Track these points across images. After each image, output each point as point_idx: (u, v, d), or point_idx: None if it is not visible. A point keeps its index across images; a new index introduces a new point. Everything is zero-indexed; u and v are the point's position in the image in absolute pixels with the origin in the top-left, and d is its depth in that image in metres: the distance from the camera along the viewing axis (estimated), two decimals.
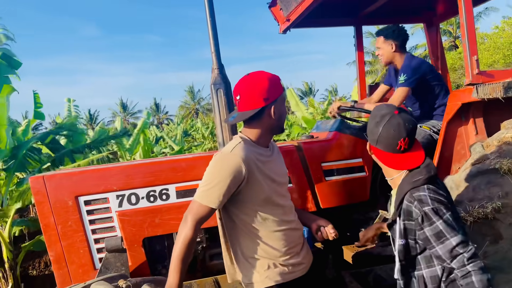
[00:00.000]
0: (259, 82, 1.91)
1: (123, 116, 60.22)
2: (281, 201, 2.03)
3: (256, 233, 1.99)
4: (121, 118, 17.94)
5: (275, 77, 1.96)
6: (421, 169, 1.75)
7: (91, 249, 2.48)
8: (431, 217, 1.62)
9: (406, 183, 1.74)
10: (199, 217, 1.86)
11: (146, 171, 2.54)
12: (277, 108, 1.95)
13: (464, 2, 2.46)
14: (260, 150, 1.98)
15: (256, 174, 1.90)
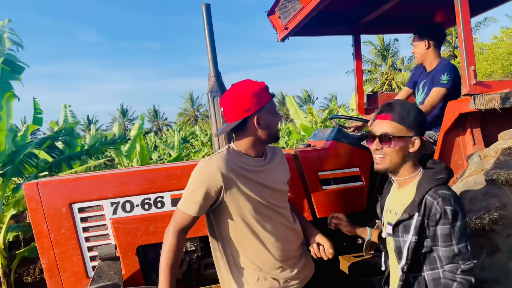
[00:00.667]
0: (240, 93, 1.90)
1: (122, 122, 60.26)
2: (274, 211, 1.99)
3: (245, 245, 1.97)
4: (119, 124, 17.95)
5: (258, 87, 1.91)
6: (442, 169, 1.77)
7: (84, 257, 2.46)
8: (449, 218, 1.63)
9: (428, 180, 1.74)
10: (180, 224, 1.90)
11: (141, 179, 2.52)
12: (262, 118, 1.92)
13: (462, 12, 2.46)
14: (249, 160, 1.97)
15: (239, 184, 1.89)
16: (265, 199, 1.95)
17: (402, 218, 1.74)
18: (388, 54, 38.49)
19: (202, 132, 26.78)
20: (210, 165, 1.89)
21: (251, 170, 1.95)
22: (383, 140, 1.77)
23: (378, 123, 1.81)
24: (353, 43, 4.11)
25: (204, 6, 2.50)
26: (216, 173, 1.86)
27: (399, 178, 1.85)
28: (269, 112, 1.93)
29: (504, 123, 2.53)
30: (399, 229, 1.77)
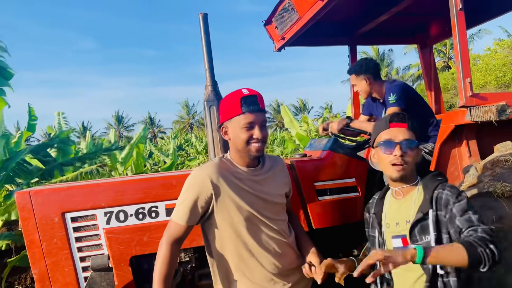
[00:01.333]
0: (221, 101, 1.94)
1: (117, 128, 60.08)
2: (267, 223, 1.95)
3: (236, 256, 1.94)
4: (115, 131, 17.87)
5: (233, 98, 1.86)
6: (438, 172, 1.87)
7: (76, 267, 2.41)
8: (462, 196, 1.69)
9: (432, 180, 1.81)
10: (173, 235, 1.90)
11: (135, 188, 2.49)
12: (231, 129, 1.89)
13: (458, 25, 2.48)
14: (242, 170, 1.95)
15: (230, 193, 1.87)
16: (258, 211, 1.92)
17: (417, 218, 1.74)
18: (383, 64, 38.75)
19: (198, 140, 26.73)
20: (201, 173, 1.89)
21: (244, 180, 1.92)
22: (407, 147, 1.79)
23: (396, 131, 1.82)
24: (349, 54, 4.13)
25: (201, 15, 2.50)
26: (206, 180, 1.85)
27: (403, 187, 1.86)
28: (237, 126, 1.85)
29: (500, 135, 2.54)
30: (416, 232, 1.75)
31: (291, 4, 3.17)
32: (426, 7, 3.61)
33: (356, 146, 3.15)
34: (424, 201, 1.76)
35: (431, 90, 4.28)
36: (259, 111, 1.86)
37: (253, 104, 1.84)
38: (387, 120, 1.87)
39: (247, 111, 1.83)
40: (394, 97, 3.06)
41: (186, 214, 1.87)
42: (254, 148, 1.87)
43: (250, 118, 1.83)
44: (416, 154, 1.83)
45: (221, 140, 2.44)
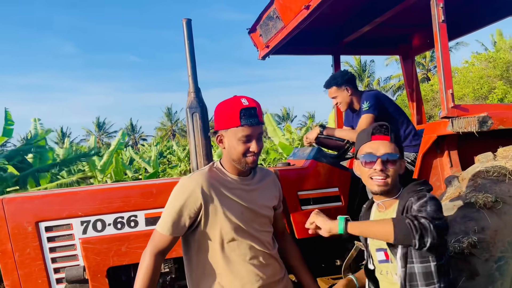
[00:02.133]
0: (218, 108, 1.86)
1: (97, 135, 59.18)
2: (253, 235, 1.91)
3: (218, 267, 1.90)
4: (95, 137, 17.56)
5: (230, 108, 1.79)
6: (422, 182, 1.81)
7: (50, 279, 2.32)
8: (425, 197, 1.64)
9: (409, 191, 1.76)
10: (158, 246, 1.85)
11: (114, 196, 2.42)
12: (227, 139, 1.84)
13: (440, 36, 2.50)
14: (232, 178, 1.92)
15: (219, 203, 1.84)
16: (245, 221, 1.89)
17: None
18: (364, 74, 39.35)
19: (180, 147, 26.51)
20: (190, 182, 1.84)
21: (233, 189, 1.89)
22: (388, 161, 1.75)
23: (377, 144, 1.77)
24: (333, 63, 4.15)
25: (185, 21, 2.46)
26: (196, 190, 1.81)
27: (386, 200, 1.83)
28: (233, 137, 1.80)
29: (480, 146, 2.57)
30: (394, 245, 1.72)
31: (275, 12, 3.16)
32: (409, 19, 3.66)
33: (339, 155, 3.14)
34: (398, 213, 1.73)
35: (413, 101, 4.33)
36: (257, 124, 1.79)
37: (252, 117, 1.77)
38: (369, 132, 1.82)
39: (246, 124, 1.76)
40: (368, 104, 3.08)
41: (172, 225, 1.82)
42: (249, 161, 1.84)
43: (248, 131, 1.78)
44: (398, 167, 1.78)
45: (204, 148, 2.39)
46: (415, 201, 1.66)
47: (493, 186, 2.16)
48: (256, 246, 1.93)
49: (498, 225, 2.06)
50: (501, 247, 2.05)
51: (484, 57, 21.25)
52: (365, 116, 3.08)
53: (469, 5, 3.42)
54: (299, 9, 2.88)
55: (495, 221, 2.07)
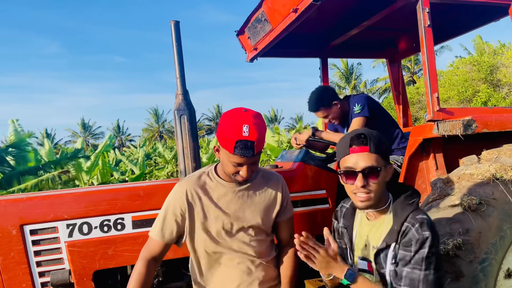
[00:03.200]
0: (223, 121, 1.78)
1: (83, 136, 58.43)
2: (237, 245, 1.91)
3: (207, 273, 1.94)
4: (83, 139, 17.32)
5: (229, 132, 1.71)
6: (412, 192, 1.73)
7: (34, 283, 2.28)
8: (425, 245, 1.55)
9: (403, 206, 1.67)
10: (149, 251, 1.89)
11: (100, 199, 2.39)
12: (221, 154, 1.82)
13: (426, 40, 2.54)
14: (223, 183, 1.91)
15: (202, 210, 1.86)
16: (229, 232, 1.90)
17: (380, 247, 1.66)
18: (351, 77, 39.68)
19: (167, 149, 26.34)
20: (178, 189, 1.89)
21: (222, 197, 1.90)
22: (369, 175, 1.62)
23: (356, 157, 1.64)
24: (321, 66, 4.17)
25: (173, 23, 2.45)
26: (182, 197, 1.86)
27: (375, 211, 1.75)
28: (226, 157, 1.79)
29: (465, 149, 2.61)
30: (381, 259, 1.67)
31: (264, 15, 3.17)
32: (396, 23, 3.70)
33: (327, 158, 3.16)
34: (392, 232, 1.65)
35: (399, 104, 4.38)
36: (252, 156, 1.73)
37: (247, 149, 1.70)
38: (347, 144, 1.67)
39: (239, 154, 1.71)
40: (359, 107, 3.10)
41: (163, 231, 1.88)
42: (239, 179, 1.84)
43: (239, 160, 1.75)
44: (382, 178, 1.65)
45: (192, 150, 2.38)
46: (416, 244, 1.56)
47: (477, 189, 2.20)
48: (242, 255, 1.93)
49: (482, 227, 2.09)
50: (485, 249, 2.08)
51: (469, 61, 21.61)
52: (357, 119, 3.10)
53: (453, 11, 3.47)
54: (287, 12, 2.89)
55: (479, 223, 2.10)
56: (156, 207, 2.45)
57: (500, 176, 2.21)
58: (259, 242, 1.96)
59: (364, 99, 3.14)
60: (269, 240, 2.03)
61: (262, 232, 1.97)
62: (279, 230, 2.09)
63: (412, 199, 1.70)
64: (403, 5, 2.88)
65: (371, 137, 1.65)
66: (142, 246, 2.37)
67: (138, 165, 17.55)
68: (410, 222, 1.61)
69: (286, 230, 2.10)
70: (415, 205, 1.69)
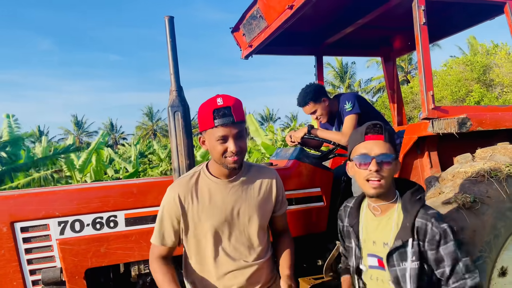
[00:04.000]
0: (199, 108, 1.82)
1: (76, 134, 58.06)
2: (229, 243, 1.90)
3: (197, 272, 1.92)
4: (74, 136, 17.18)
5: (204, 110, 1.76)
6: (417, 187, 1.78)
7: (25, 281, 2.25)
8: (448, 235, 1.64)
9: (411, 202, 1.72)
10: (156, 255, 1.91)
11: (92, 196, 2.37)
12: (207, 140, 1.82)
13: (421, 39, 2.54)
14: (214, 180, 1.90)
15: (195, 210, 1.86)
16: (222, 229, 1.88)
17: (396, 245, 1.67)
18: (345, 76, 39.76)
19: (161, 147, 26.24)
20: (170, 193, 1.89)
21: (215, 195, 1.88)
22: (384, 162, 1.68)
23: (372, 144, 1.71)
24: (316, 64, 4.16)
25: (167, 18, 2.42)
26: (175, 200, 1.85)
27: (382, 204, 1.77)
28: (212, 138, 1.78)
29: (459, 147, 2.61)
30: (394, 258, 1.69)
31: (259, 12, 3.15)
32: (391, 21, 3.70)
33: (322, 155, 3.15)
34: (404, 228, 1.68)
35: (394, 102, 4.38)
36: (232, 123, 1.74)
37: (225, 116, 1.72)
38: (362, 132, 1.75)
39: (220, 124, 1.72)
40: (350, 105, 3.08)
41: (159, 235, 1.89)
42: (230, 161, 1.79)
43: (223, 132, 1.74)
44: (393, 168, 1.72)
45: (186, 147, 2.36)
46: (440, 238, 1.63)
47: (472, 187, 2.20)
48: (237, 256, 1.91)
49: (476, 225, 2.10)
50: (479, 247, 2.08)
51: (462, 61, 21.73)
52: (349, 117, 3.07)
53: (448, 9, 3.48)
54: (282, 8, 2.87)
55: (473, 221, 2.10)
56: (150, 205, 2.43)
57: (495, 175, 2.22)
58: (254, 242, 1.94)
59: (354, 97, 3.13)
60: (265, 240, 2.00)
61: (258, 229, 1.94)
62: (275, 223, 2.10)
63: (419, 195, 1.74)
64: (398, 3, 2.88)
65: (386, 128, 1.74)
66: (135, 244, 2.38)
67: (132, 163, 17.46)
68: (424, 218, 1.67)
69: (282, 221, 2.14)
70: (422, 200, 1.74)
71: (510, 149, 2.43)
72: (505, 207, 2.16)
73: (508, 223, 2.15)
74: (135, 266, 2.43)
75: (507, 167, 2.24)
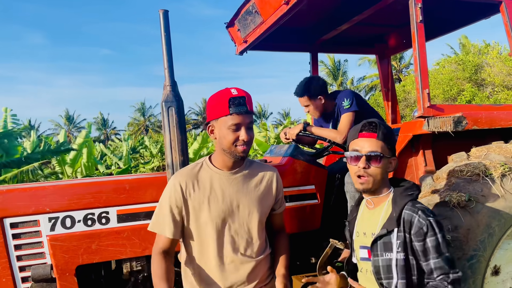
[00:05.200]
0: (209, 98, 1.90)
1: (67, 129, 57.53)
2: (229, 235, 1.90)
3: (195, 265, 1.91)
4: (65, 131, 16.98)
5: (221, 98, 1.83)
6: (412, 185, 1.82)
7: (14, 278, 2.21)
8: (435, 228, 1.66)
9: (401, 196, 1.75)
10: (157, 246, 1.88)
11: (84, 192, 2.33)
12: (217, 129, 1.87)
13: (418, 36, 2.53)
14: (217, 172, 1.91)
15: (197, 200, 1.86)
16: (223, 221, 1.88)
17: (380, 233, 1.71)
18: (338, 74, 39.83)
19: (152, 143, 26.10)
20: (172, 180, 1.89)
21: (216, 186, 1.89)
22: (372, 159, 1.74)
23: (362, 141, 1.77)
24: (311, 61, 4.13)
25: (161, 12, 2.38)
26: (177, 190, 1.85)
27: (374, 197, 1.83)
28: (223, 126, 1.83)
29: (453, 146, 2.61)
30: (378, 247, 1.72)
31: (254, 7, 3.12)
32: (386, 19, 3.69)
33: (316, 153, 3.13)
34: (390, 218, 1.72)
35: (388, 100, 4.38)
36: (246, 112, 1.82)
37: (240, 106, 1.81)
38: (358, 129, 1.82)
39: (235, 112, 1.80)
40: (348, 102, 3.07)
41: (162, 223, 1.87)
42: (239, 150, 1.85)
43: (237, 120, 1.81)
44: (384, 166, 1.76)
45: (179, 143, 2.32)
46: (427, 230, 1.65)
47: (467, 186, 2.20)
48: (236, 246, 1.91)
49: (471, 224, 2.10)
50: (473, 246, 2.09)
51: (454, 60, 21.86)
52: (346, 114, 3.07)
53: (444, 8, 3.47)
54: (278, 4, 2.84)
55: (468, 220, 2.10)
56: (142, 201, 2.40)
57: (490, 173, 2.22)
58: (253, 237, 1.95)
59: (352, 94, 3.13)
60: (263, 237, 2.01)
61: (258, 224, 1.96)
62: (273, 221, 2.13)
63: (412, 191, 1.77)
64: (395, 0, 2.87)
65: (381, 127, 1.77)
66: (127, 241, 2.35)
67: (123, 159, 17.34)
68: (411, 210, 1.70)
69: (280, 220, 2.18)
70: (413, 196, 1.76)
71: (505, 148, 2.43)
72: (500, 206, 2.16)
73: (502, 222, 2.15)
74: (127, 263, 2.39)
75: (502, 166, 2.24)
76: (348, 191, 2.91)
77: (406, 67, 35.07)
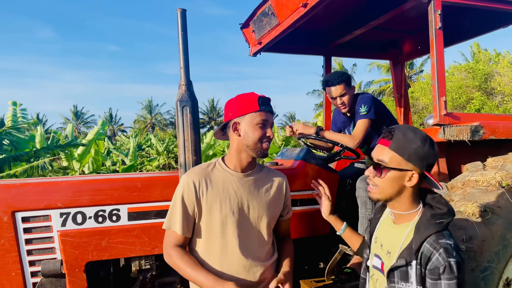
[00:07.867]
0: (233, 99, 1.95)
1: (75, 124, 57.83)
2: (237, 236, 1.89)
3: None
4: (72, 126, 17.03)
5: (249, 96, 1.92)
6: (444, 212, 1.58)
7: (24, 272, 2.20)
8: (454, 271, 1.47)
9: (427, 225, 1.56)
10: (169, 242, 1.90)
11: (96, 188, 2.32)
12: (241, 125, 1.90)
13: (436, 43, 2.50)
14: (229, 173, 1.92)
15: (208, 198, 1.87)
16: (233, 222, 1.88)
17: (398, 264, 1.58)
18: None
19: (159, 141, 26.15)
20: (185, 177, 1.91)
21: (228, 187, 1.91)
22: (376, 169, 1.61)
23: (376, 148, 1.65)
24: (324, 64, 4.11)
25: (179, 11, 2.37)
26: (190, 184, 1.87)
27: (395, 212, 1.68)
28: (251, 123, 1.89)
29: (466, 155, 2.58)
30: (395, 275, 1.60)
31: (271, 9, 3.11)
32: (402, 24, 3.67)
33: (328, 157, 3.11)
34: (409, 248, 1.57)
35: (400, 106, 4.35)
36: (272, 112, 1.95)
37: (269, 105, 1.94)
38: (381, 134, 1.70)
39: (264, 110, 1.90)
40: (365, 109, 2.99)
41: (175, 220, 1.88)
42: (265, 146, 1.92)
43: (266, 117, 1.91)
44: (388, 178, 1.59)
45: (193, 142, 2.31)
46: (443, 271, 1.47)
47: (483, 196, 2.17)
48: (246, 247, 1.91)
49: (485, 235, 2.07)
50: (487, 257, 2.06)
51: (464, 68, 21.72)
52: (362, 121, 2.99)
53: (463, 15, 3.44)
54: (296, 6, 2.83)
55: (483, 231, 2.07)
56: (154, 200, 2.39)
57: (506, 184, 2.19)
58: (263, 241, 1.97)
59: (371, 101, 3.02)
60: (271, 242, 2.02)
61: (267, 228, 1.98)
62: (280, 227, 2.16)
63: (441, 219, 1.56)
64: (412, 6, 2.84)
65: (399, 135, 1.59)
66: (137, 239, 2.34)
67: (129, 156, 17.38)
68: (432, 245, 1.51)
69: (287, 226, 2.22)
70: (441, 226, 1.55)
71: None
72: None
73: None
74: (136, 261, 2.39)
75: None
76: (359, 196, 2.88)
77: (416, 73, 34.89)
